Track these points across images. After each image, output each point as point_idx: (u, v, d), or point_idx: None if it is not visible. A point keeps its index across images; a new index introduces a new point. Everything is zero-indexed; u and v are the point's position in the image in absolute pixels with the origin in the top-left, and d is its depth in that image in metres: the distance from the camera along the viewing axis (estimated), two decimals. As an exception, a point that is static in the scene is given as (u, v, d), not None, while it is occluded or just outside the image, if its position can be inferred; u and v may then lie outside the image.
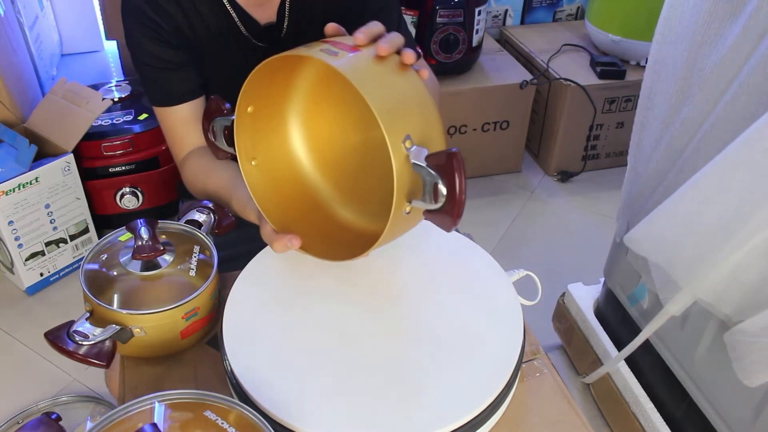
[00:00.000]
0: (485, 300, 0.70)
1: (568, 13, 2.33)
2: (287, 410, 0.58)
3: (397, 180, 0.56)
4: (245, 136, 0.70)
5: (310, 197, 0.76)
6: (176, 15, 0.88)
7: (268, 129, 0.72)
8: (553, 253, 1.81)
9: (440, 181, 0.55)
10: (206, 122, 0.73)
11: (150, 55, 0.90)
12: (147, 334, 0.68)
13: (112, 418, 0.53)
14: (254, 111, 0.68)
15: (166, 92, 0.93)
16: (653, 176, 1.09)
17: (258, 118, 0.69)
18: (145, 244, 0.71)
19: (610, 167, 2.12)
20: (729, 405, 1.00)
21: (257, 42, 0.94)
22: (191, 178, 0.95)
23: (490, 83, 1.92)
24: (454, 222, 0.57)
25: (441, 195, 0.56)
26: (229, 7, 0.90)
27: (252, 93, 0.66)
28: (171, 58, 0.90)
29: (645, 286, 1.16)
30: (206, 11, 0.90)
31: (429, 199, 0.57)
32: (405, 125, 0.57)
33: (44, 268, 1.63)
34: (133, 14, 0.88)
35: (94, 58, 2.32)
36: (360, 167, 0.74)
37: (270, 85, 0.68)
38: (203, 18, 0.90)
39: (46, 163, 1.52)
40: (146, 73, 0.92)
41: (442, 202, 0.56)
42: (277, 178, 0.74)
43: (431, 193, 0.56)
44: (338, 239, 0.73)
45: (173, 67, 0.91)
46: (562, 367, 1.47)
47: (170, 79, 0.92)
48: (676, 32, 0.99)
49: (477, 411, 0.59)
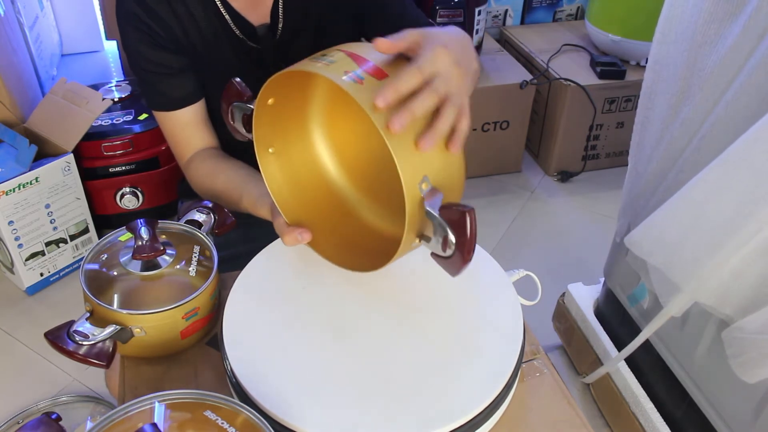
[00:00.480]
0: (485, 300, 0.70)
1: (568, 13, 2.33)
2: (287, 410, 0.58)
3: (408, 219, 0.56)
4: (264, 126, 0.69)
5: (327, 194, 0.75)
6: (169, 19, 0.88)
7: (287, 122, 0.72)
8: (553, 253, 1.81)
9: (450, 233, 0.55)
10: (225, 105, 0.72)
11: (147, 60, 0.89)
12: (147, 334, 0.68)
13: (112, 418, 0.53)
14: (275, 103, 0.68)
15: (166, 97, 0.92)
16: (654, 176, 1.09)
17: (278, 110, 0.69)
18: (145, 244, 0.71)
19: (610, 167, 2.12)
20: (729, 405, 1.00)
21: (252, 44, 0.93)
22: (197, 179, 0.94)
23: (490, 83, 1.92)
24: (459, 271, 0.57)
25: (450, 246, 0.56)
26: (222, 10, 0.90)
27: (274, 88, 0.66)
28: (168, 63, 0.90)
29: (645, 286, 1.16)
30: (199, 14, 0.89)
31: (437, 244, 0.57)
32: (423, 165, 0.56)
33: (44, 268, 1.63)
34: (128, 19, 0.87)
35: (94, 58, 2.32)
36: (379, 169, 0.73)
37: (292, 84, 0.68)
38: (196, 21, 0.89)
39: (46, 163, 1.52)
40: (144, 78, 0.92)
41: (450, 253, 0.56)
42: (293, 171, 0.73)
43: (440, 241, 0.56)
44: (351, 241, 0.73)
45: (171, 71, 0.91)
46: (562, 367, 1.47)
47: (169, 83, 0.91)
48: (676, 32, 0.99)
49: (477, 411, 0.59)
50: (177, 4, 0.87)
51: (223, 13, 0.90)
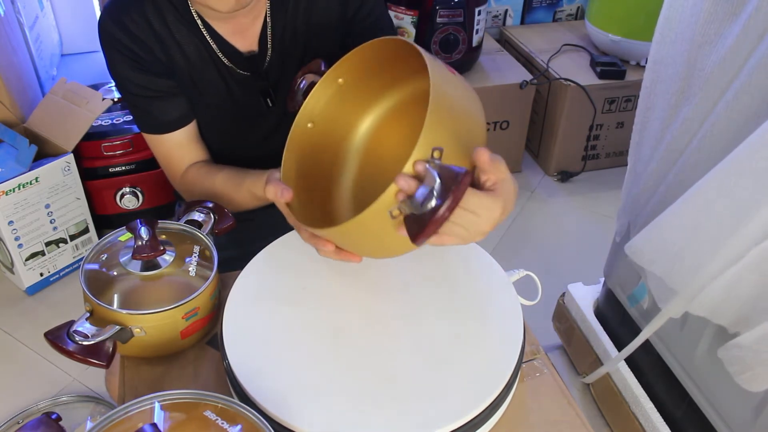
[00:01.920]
0: (485, 300, 0.70)
1: (568, 13, 2.33)
2: (287, 410, 0.58)
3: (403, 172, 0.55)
4: (319, 99, 0.73)
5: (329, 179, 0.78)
6: (152, 44, 0.85)
7: (341, 104, 0.75)
8: (553, 253, 1.81)
9: (436, 189, 0.54)
10: (301, 73, 0.76)
11: (134, 84, 0.87)
12: (147, 334, 0.68)
13: (112, 418, 0.53)
14: (343, 84, 0.72)
15: (157, 121, 0.90)
16: (653, 176, 1.09)
17: (341, 91, 0.73)
18: (145, 244, 0.71)
19: (610, 167, 2.12)
20: (729, 405, 1.00)
21: (240, 71, 0.90)
22: (195, 180, 0.93)
23: (490, 83, 1.92)
24: (423, 235, 0.54)
25: (429, 203, 0.54)
26: (207, 37, 0.87)
27: (349, 68, 0.70)
28: (155, 87, 0.88)
29: (645, 286, 1.15)
30: (184, 40, 0.86)
31: (417, 203, 0.55)
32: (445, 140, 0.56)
33: (44, 268, 1.63)
34: (112, 44, 0.85)
35: (94, 58, 2.32)
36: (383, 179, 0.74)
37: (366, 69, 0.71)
38: (181, 47, 0.87)
39: (46, 163, 1.52)
40: (134, 102, 0.90)
41: (425, 210, 0.54)
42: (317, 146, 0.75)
43: (422, 197, 0.54)
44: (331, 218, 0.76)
45: (159, 95, 0.88)
46: (562, 367, 1.47)
47: (159, 106, 0.89)
48: (676, 32, 0.99)
49: (477, 411, 0.59)
50: (160, 27, 0.85)
51: (209, 40, 0.87)
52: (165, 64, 0.87)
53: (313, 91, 0.72)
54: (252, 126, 0.96)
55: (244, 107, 0.94)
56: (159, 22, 0.85)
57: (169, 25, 0.85)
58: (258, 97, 0.93)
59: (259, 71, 0.91)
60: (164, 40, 0.86)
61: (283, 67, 0.92)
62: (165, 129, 0.91)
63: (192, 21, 0.86)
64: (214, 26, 0.87)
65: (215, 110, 0.94)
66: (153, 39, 0.85)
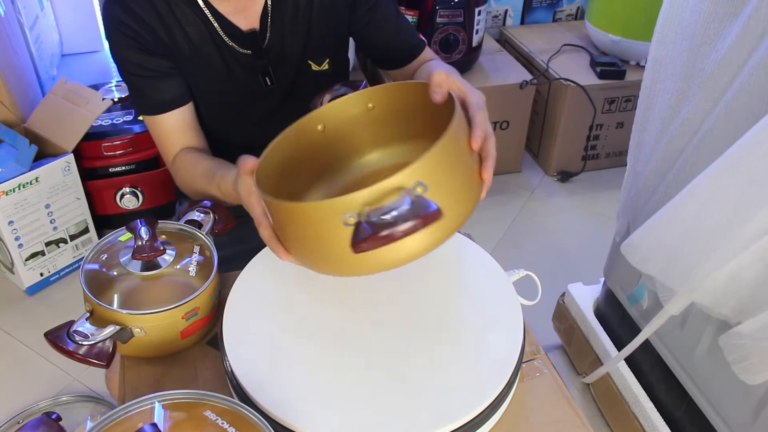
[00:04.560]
0: (485, 300, 0.70)
1: (568, 13, 2.33)
2: (287, 410, 0.58)
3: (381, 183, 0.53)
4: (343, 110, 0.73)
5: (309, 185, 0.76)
6: (154, 23, 0.87)
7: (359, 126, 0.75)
8: (553, 253, 1.81)
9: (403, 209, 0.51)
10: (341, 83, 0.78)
11: (134, 64, 0.89)
12: (147, 334, 0.68)
13: (112, 418, 0.53)
14: (371, 109, 0.73)
15: (152, 101, 0.92)
16: (653, 176, 1.09)
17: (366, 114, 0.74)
18: (145, 244, 0.71)
19: (610, 167, 2.12)
20: (729, 405, 1.00)
21: (241, 49, 0.93)
22: (178, 168, 0.94)
23: (490, 83, 1.92)
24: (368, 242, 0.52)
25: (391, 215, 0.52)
26: (209, 16, 0.89)
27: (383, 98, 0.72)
28: (155, 66, 0.90)
29: (645, 285, 1.16)
30: (185, 19, 0.89)
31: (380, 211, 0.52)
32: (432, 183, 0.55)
33: (44, 268, 1.63)
34: (115, 25, 0.87)
35: (94, 58, 2.32)
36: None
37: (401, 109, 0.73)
38: (182, 26, 0.89)
39: (46, 163, 1.52)
40: (132, 83, 0.92)
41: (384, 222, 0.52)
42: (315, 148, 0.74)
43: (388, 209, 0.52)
44: None
45: (158, 75, 0.90)
46: (562, 367, 1.47)
47: (156, 87, 0.91)
48: (676, 32, 0.99)
49: (477, 411, 0.59)
50: (163, 8, 0.87)
51: (210, 18, 0.89)
52: (167, 45, 0.89)
53: (342, 99, 0.72)
54: (250, 105, 0.98)
55: (243, 87, 0.95)
56: (162, 2, 0.87)
57: (171, 5, 0.88)
58: (257, 76, 0.95)
59: (259, 50, 0.93)
60: (167, 21, 0.88)
61: (283, 47, 0.94)
62: (158, 109, 0.92)
63: (194, 1, 0.88)
64: (215, 5, 0.89)
65: (215, 90, 0.95)
66: (156, 20, 0.87)
